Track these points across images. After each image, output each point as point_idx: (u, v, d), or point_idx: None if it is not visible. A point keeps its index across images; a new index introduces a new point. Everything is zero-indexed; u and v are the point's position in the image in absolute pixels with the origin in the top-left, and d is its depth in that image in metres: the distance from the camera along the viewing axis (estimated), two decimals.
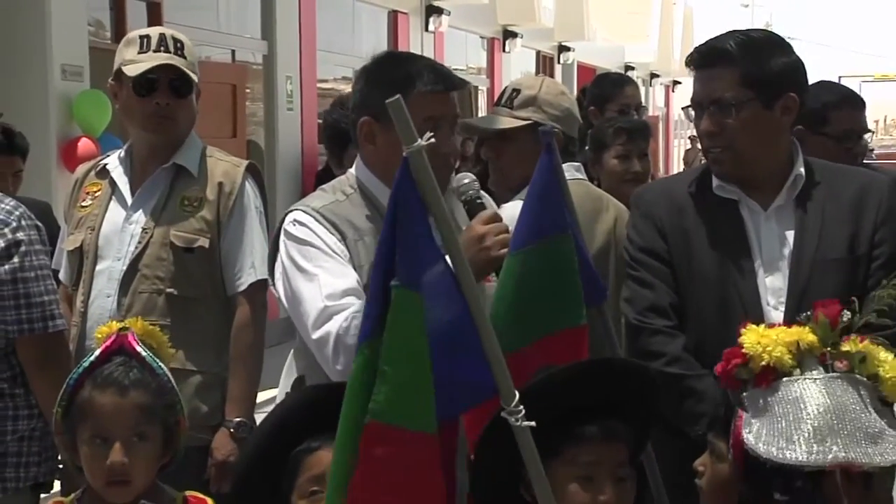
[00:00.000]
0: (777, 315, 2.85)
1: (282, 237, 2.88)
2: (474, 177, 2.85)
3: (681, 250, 2.96)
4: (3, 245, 3.07)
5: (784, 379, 2.23)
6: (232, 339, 3.49)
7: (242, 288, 3.49)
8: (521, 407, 2.04)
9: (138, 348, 2.50)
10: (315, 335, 2.73)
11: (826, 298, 2.47)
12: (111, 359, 2.49)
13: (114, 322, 2.68)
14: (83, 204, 3.60)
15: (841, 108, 4.03)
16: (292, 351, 3.33)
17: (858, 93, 4.37)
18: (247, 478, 2.38)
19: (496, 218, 2.72)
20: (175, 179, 3.54)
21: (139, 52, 3.51)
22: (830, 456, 2.12)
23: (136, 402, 2.43)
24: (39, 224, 3.22)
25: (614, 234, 3.49)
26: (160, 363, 2.52)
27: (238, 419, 3.43)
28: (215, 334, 3.50)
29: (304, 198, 3.05)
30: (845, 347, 2.24)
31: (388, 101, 1.95)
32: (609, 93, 5.55)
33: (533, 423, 2.05)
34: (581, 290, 2.58)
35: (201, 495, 2.57)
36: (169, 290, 3.44)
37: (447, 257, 2.04)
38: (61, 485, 3.29)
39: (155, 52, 3.49)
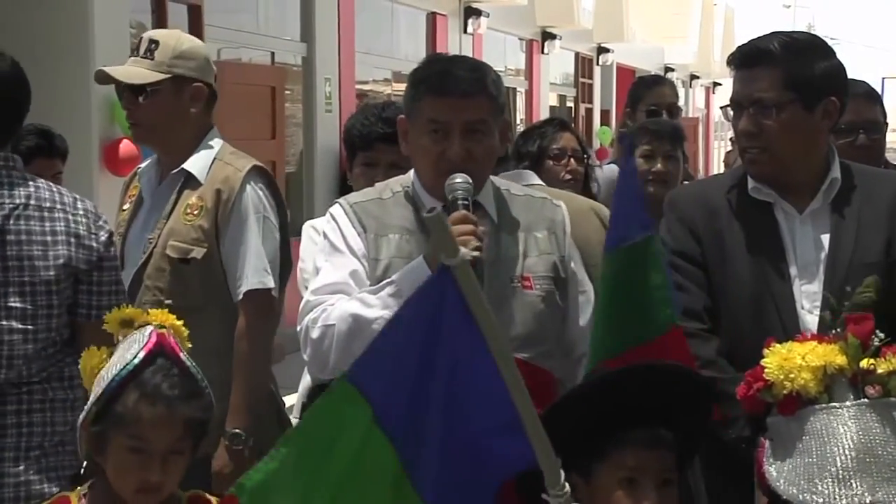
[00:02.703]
0: (812, 319, 2.83)
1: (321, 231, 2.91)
2: (468, 178, 2.72)
3: (715, 253, 2.94)
4: (107, 236, 3.04)
5: (809, 408, 2.11)
6: (234, 349, 3.42)
7: (239, 298, 3.43)
8: (566, 487, 2.03)
9: (182, 356, 2.42)
10: (298, 327, 2.80)
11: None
12: (154, 361, 2.38)
13: (130, 308, 2.58)
14: (123, 208, 3.63)
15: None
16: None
17: (881, 90, 4.18)
18: None
19: (465, 220, 2.62)
20: (183, 186, 3.48)
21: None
22: (856, 500, 2.02)
23: (183, 418, 2.35)
24: None
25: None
26: (201, 373, 2.44)
27: (233, 430, 3.37)
28: (222, 344, 3.38)
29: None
30: (880, 369, 2.12)
31: (427, 215, 1.95)
32: (641, 93, 5.55)
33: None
34: (669, 290, 2.66)
35: (207, 495, 2.49)
36: (167, 301, 3.32)
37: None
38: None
39: (132, 56, 3.50)
